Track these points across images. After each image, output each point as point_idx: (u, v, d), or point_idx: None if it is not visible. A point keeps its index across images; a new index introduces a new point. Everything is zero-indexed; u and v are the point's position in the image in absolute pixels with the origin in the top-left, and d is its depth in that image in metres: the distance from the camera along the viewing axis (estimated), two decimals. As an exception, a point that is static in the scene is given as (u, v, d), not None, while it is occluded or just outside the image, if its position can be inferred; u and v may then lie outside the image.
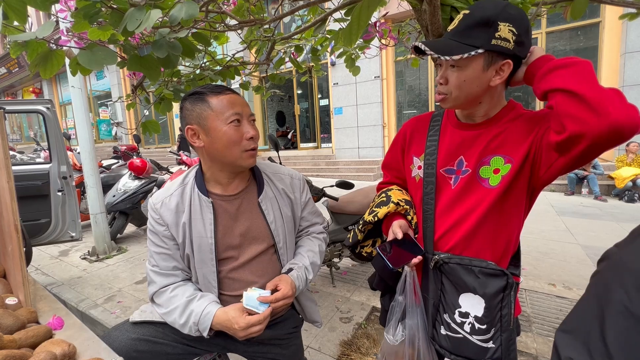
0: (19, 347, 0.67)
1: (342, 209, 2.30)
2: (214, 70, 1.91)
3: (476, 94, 0.73)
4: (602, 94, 0.57)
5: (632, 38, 5.12)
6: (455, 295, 0.78)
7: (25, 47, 0.96)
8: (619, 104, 0.56)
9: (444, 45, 0.70)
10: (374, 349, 1.67)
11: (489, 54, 0.68)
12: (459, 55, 0.67)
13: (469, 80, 0.71)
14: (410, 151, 0.92)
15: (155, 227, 0.93)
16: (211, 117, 0.86)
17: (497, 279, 0.74)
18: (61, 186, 2.67)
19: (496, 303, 0.74)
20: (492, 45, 0.66)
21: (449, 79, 0.73)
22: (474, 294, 0.75)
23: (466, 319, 0.77)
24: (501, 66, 0.69)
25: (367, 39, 1.79)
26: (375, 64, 7.23)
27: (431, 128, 0.88)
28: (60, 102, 15.07)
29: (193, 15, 0.83)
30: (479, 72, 0.70)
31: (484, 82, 0.71)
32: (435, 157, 0.84)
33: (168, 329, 0.93)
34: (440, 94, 0.77)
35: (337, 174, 7.48)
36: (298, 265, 0.99)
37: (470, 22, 0.69)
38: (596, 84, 0.59)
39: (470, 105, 0.77)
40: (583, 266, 2.62)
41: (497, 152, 0.76)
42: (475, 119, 0.80)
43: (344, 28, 0.85)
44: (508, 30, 0.66)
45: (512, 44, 0.67)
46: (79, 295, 2.46)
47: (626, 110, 0.56)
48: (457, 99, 0.74)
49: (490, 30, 0.66)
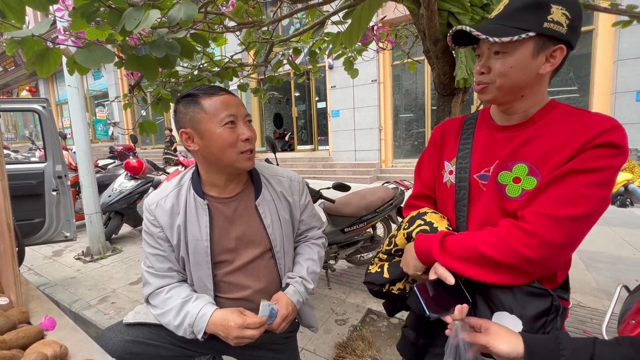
0: (9, 348, 0.66)
1: (339, 211, 2.30)
2: (212, 72, 1.91)
3: (522, 83, 0.66)
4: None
5: (624, 46, 5.20)
6: (488, 315, 0.68)
7: (22, 44, 0.96)
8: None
9: (490, 29, 0.64)
10: (369, 351, 1.67)
11: (539, 38, 0.62)
12: (509, 37, 0.61)
13: (516, 66, 0.64)
14: (442, 156, 0.84)
15: (150, 229, 0.92)
16: (204, 119, 0.83)
17: (539, 300, 0.63)
18: (56, 185, 2.64)
19: (537, 327, 0.62)
20: (544, 28, 0.61)
21: (493, 67, 0.67)
22: (509, 314, 0.65)
23: None
24: (552, 52, 0.63)
25: (365, 42, 1.80)
26: (373, 67, 7.27)
27: (464, 131, 0.81)
28: (57, 101, 14.95)
29: (192, 16, 0.83)
30: (527, 58, 0.63)
31: (533, 69, 0.64)
32: (468, 161, 0.76)
33: (162, 331, 0.92)
34: (480, 83, 0.70)
35: (333, 177, 7.49)
36: (295, 279, 0.97)
37: (519, 4, 0.63)
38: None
39: (513, 96, 0.69)
40: (576, 270, 2.64)
41: (523, 158, 0.67)
42: (512, 119, 0.72)
43: (345, 29, 0.86)
44: (561, 14, 0.61)
45: (565, 29, 0.61)
46: (72, 296, 2.43)
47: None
48: (501, 88, 0.67)
49: (542, 12, 0.61)
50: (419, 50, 2.16)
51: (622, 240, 3.31)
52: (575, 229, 0.60)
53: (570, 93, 6.03)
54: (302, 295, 0.96)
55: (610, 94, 5.52)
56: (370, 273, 0.87)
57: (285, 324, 0.90)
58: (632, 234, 3.52)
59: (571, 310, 2.06)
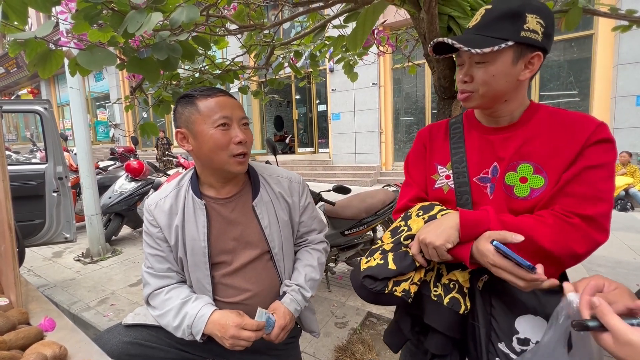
0: (8, 348, 0.66)
1: (339, 214, 2.30)
2: (214, 74, 1.92)
3: (504, 90, 0.69)
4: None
5: (624, 50, 5.22)
6: (510, 319, 0.67)
7: (24, 46, 0.96)
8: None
9: (470, 40, 0.66)
10: (368, 354, 1.66)
11: (518, 47, 0.65)
12: (489, 48, 0.64)
13: (497, 75, 0.67)
14: (434, 159, 0.83)
15: (149, 229, 0.92)
16: (198, 120, 0.84)
17: (556, 297, 0.63)
18: (57, 187, 2.65)
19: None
20: (522, 37, 0.64)
21: (475, 75, 0.69)
22: (534, 316, 0.64)
23: (527, 346, 0.65)
24: (531, 59, 0.66)
25: (366, 45, 1.81)
26: (373, 70, 7.30)
27: (453, 135, 0.82)
28: (58, 103, 15.01)
29: (194, 19, 0.84)
30: (508, 66, 0.66)
31: (513, 76, 0.67)
32: (464, 165, 0.76)
33: (161, 333, 0.91)
34: (464, 92, 0.72)
35: (334, 179, 7.49)
36: (292, 287, 0.96)
37: (495, 15, 0.66)
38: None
39: (496, 103, 0.72)
40: (578, 274, 2.63)
41: (526, 158, 0.69)
42: (499, 121, 0.75)
43: (349, 33, 0.86)
44: (536, 22, 0.64)
45: (540, 36, 0.64)
46: (71, 298, 2.42)
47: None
48: (484, 96, 0.70)
49: (518, 22, 0.64)
50: (420, 54, 2.17)
51: (622, 245, 3.30)
52: (608, 221, 0.64)
53: (570, 97, 6.04)
54: (300, 304, 0.95)
55: (610, 98, 5.53)
56: (369, 266, 0.74)
57: (283, 334, 0.89)
58: (633, 238, 3.51)
59: (572, 315, 2.05)
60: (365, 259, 0.78)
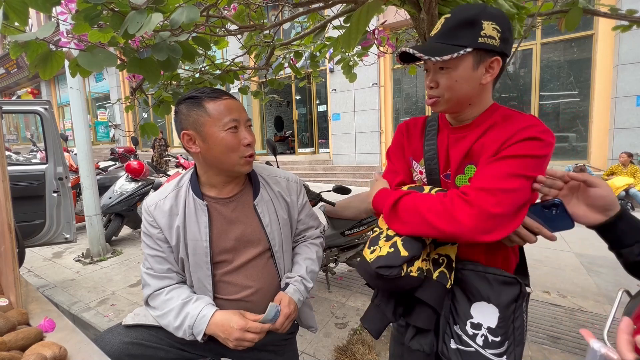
0: (8, 349, 0.66)
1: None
2: (214, 74, 1.92)
3: (468, 94, 0.72)
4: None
5: (624, 50, 5.22)
6: (466, 305, 0.74)
7: (26, 47, 0.96)
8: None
9: (431, 48, 0.70)
10: (368, 355, 1.66)
11: (477, 53, 0.69)
12: (449, 55, 0.67)
13: (460, 80, 0.71)
14: (408, 153, 0.89)
15: (149, 230, 0.92)
16: (208, 123, 0.85)
17: (511, 288, 0.71)
18: (57, 187, 2.65)
19: (509, 313, 0.70)
20: (480, 43, 0.67)
21: (440, 81, 0.73)
22: (487, 303, 0.71)
23: (479, 330, 0.71)
24: (490, 63, 0.70)
25: (366, 46, 1.81)
26: (373, 71, 7.30)
27: (427, 132, 0.86)
28: (59, 104, 15.02)
29: (194, 20, 0.84)
30: (469, 71, 0.70)
31: (475, 80, 0.71)
32: (436, 162, 0.81)
33: (162, 333, 0.91)
34: (431, 97, 0.76)
35: (334, 179, 7.49)
36: (294, 278, 0.98)
37: (453, 23, 0.70)
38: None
39: (461, 107, 0.75)
40: (577, 274, 2.63)
41: (471, 159, 0.74)
42: (464, 123, 0.79)
43: (343, 33, 0.86)
44: (492, 28, 0.67)
45: (498, 41, 0.68)
46: (71, 298, 2.43)
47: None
48: (449, 100, 0.74)
49: (475, 29, 0.67)
50: (420, 54, 2.17)
51: (623, 245, 3.29)
52: (509, 201, 0.64)
53: (571, 97, 6.04)
54: (303, 294, 0.97)
55: (611, 99, 5.53)
56: (379, 256, 0.71)
57: (288, 323, 0.91)
58: (633, 238, 3.50)
59: (572, 315, 2.05)
60: (368, 249, 0.75)
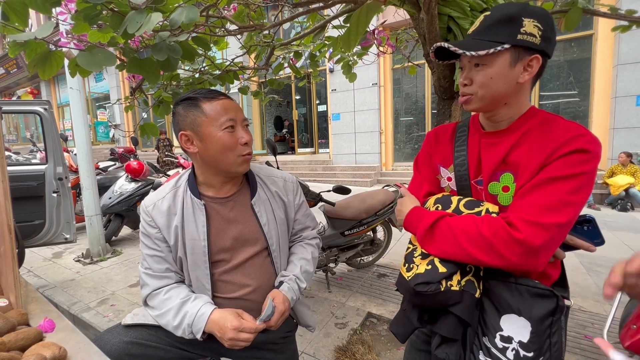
0: (8, 349, 0.66)
1: (339, 214, 2.30)
2: (213, 75, 1.92)
3: (503, 92, 0.70)
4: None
5: (624, 50, 5.22)
6: (496, 317, 0.69)
7: (24, 47, 0.96)
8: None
9: (467, 44, 0.69)
10: (368, 355, 1.66)
11: (515, 50, 0.66)
12: (484, 50, 0.65)
13: (495, 77, 0.68)
14: (437, 161, 0.86)
15: (147, 230, 0.93)
16: (205, 123, 0.86)
17: (546, 301, 0.65)
18: (56, 187, 2.65)
19: (544, 328, 0.64)
20: (518, 40, 0.65)
21: (474, 78, 0.71)
22: (518, 316, 0.66)
23: (509, 344, 0.67)
24: (529, 62, 0.67)
25: (366, 45, 1.81)
26: (373, 71, 7.30)
27: (457, 138, 0.83)
28: (58, 104, 15.02)
29: (193, 20, 0.84)
30: (505, 68, 0.67)
31: (512, 79, 0.68)
32: (466, 168, 0.78)
33: (161, 332, 0.92)
34: (464, 95, 0.74)
35: (334, 179, 7.49)
36: (289, 277, 0.98)
37: (492, 20, 0.68)
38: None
39: (496, 106, 0.72)
40: (577, 274, 2.63)
41: (508, 167, 0.71)
42: (498, 125, 0.75)
43: (343, 33, 0.87)
44: (533, 26, 0.65)
45: (538, 39, 0.65)
46: (71, 298, 2.42)
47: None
48: (483, 98, 0.71)
49: (514, 26, 0.65)
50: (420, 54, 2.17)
51: (623, 245, 3.30)
52: (561, 235, 0.63)
53: (570, 97, 6.04)
54: (296, 293, 0.98)
55: (610, 99, 5.53)
56: (417, 274, 0.72)
57: (281, 320, 0.91)
58: (633, 238, 3.51)
59: (572, 315, 2.05)
60: (404, 266, 0.78)
